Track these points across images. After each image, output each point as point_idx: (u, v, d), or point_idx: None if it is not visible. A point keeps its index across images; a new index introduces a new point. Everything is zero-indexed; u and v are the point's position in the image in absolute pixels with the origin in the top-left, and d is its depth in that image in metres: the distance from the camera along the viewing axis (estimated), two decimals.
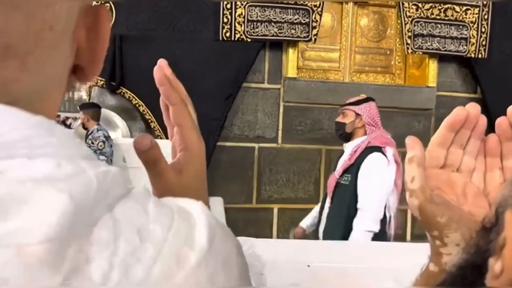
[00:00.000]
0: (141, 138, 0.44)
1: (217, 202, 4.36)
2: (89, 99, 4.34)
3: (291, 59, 4.56)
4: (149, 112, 4.25)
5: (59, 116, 14.22)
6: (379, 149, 2.68)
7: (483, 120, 0.48)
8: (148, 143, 0.44)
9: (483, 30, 4.71)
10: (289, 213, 4.59)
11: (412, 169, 0.47)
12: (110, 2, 4.25)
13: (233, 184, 4.49)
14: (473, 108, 0.47)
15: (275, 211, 4.57)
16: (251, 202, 4.54)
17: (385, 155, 2.72)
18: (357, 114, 2.81)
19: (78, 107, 4.35)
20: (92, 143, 3.76)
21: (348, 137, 2.87)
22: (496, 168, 0.48)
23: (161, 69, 0.48)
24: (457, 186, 0.49)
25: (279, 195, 4.57)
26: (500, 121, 0.47)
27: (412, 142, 0.48)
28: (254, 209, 4.54)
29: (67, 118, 16.06)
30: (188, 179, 0.47)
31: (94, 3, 0.39)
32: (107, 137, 3.80)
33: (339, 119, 2.90)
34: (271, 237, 4.57)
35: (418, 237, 4.73)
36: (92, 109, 4.01)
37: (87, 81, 0.40)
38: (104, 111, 4.17)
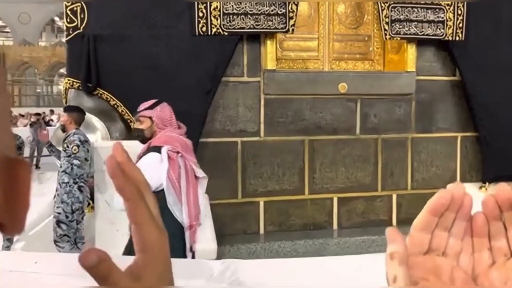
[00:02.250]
0: (86, 254, 0.39)
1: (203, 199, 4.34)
2: (66, 102, 4.26)
3: (269, 51, 4.51)
4: (128, 112, 4.19)
5: (39, 114, 13.96)
6: (157, 148, 2.76)
7: (469, 200, 0.45)
8: (95, 258, 0.39)
9: (459, 12, 4.71)
10: (276, 205, 4.59)
11: (394, 267, 0.44)
12: (82, 2, 4.15)
13: (218, 180, 4.45)
14: (458, 189, 0.45)
15: (261, 204, 4.57)
16: (236, 197, 4.53)
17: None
18: (151, 119, 2.86)
19: (63, 109, 4.26)
20: (68, 146, 3.69)
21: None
22: (484, 249, 0.46)
23: (113, 159, 0.44)
24: (443, 272, 0.46)
25: (264, 188, 4.57)
26: (487, 200, 0.44)
27: (392, 235, 0.45)
28: (240, 203, 4.53)
29: (45, 114, 15.78)
30: (148, 285, 0.43)
31: (10, 155, 0.35)
32: (83, 141, 3.72)
33: (137, 125, 2.97)
34: (258, 230, 4.57)
35: (403, 222, 4.78)
36: (76, 113, 3.93)
37: (12, 235, 0.36)
38: None
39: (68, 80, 4.25)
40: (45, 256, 1.51)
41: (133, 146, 2.91)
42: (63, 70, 24.06)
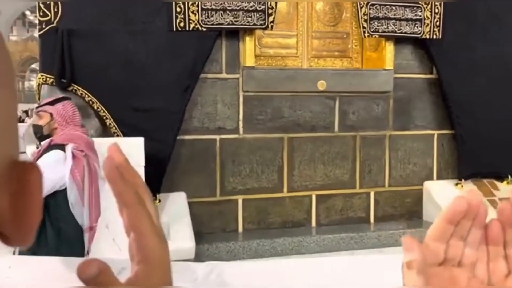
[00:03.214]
0: (86, 265, 0.35)
1: (180, 197, 4.28)
2: (39, 98, 4.13)
3: (248, 47, 4.47)
4: (103, 109, 4.09)
5: None
6: (60, 146, 2.65)
7: (484, 209, 0.43)
8: (95, 270, 0.35)
9: (436, 10, 4.75)
10: (254, 203, 4.56)
11: (412, 277, 0.41)
12: None
13: (196, 178, 4.41)
14: (475, 197, 0.42)
15: (240, 202, 4.53)
16: (214, 195, 4.48)
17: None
18: (52, 115, 2.78)
19: (35, 106, 4.14)
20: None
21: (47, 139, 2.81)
22: (499, 258, 0.44)
23: (111, 161, 0.39)
24: (460, 284, 0.44)
25: (243, 186, 4.53)
26: (503, 207, 0.42)
27: (409, 243, 0.42)
28: (218, 201, 4.48)
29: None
30: None
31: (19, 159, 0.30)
32: None
33: (36, 121, 2.85)
34: (237, 229, 4.53)
35: (380, 219, 4.81)
36: None
37: (18, 247, 0.31)
38: None
39: (42, 75, 4.12)
40: (18, 260, 1.45)
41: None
42: (34, 66, 23.51)
